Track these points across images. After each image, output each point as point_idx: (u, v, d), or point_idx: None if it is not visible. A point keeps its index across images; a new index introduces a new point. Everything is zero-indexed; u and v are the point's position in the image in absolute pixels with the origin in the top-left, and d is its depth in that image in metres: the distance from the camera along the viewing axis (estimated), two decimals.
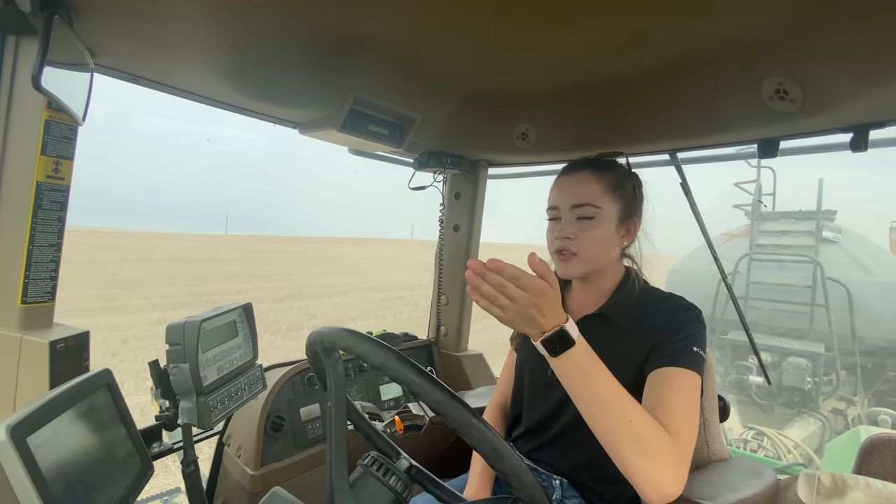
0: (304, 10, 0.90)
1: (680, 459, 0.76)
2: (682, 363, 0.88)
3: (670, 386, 0.86)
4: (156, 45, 0.98)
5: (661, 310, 0.98)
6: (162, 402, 0.98)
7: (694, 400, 0.85)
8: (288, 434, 1.40)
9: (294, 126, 1.43)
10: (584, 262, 1.02)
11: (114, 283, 15.38)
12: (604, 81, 1.19)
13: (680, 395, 0.84)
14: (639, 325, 0.98)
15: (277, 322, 10.65)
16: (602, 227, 1.00)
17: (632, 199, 1.05)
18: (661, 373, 0.88)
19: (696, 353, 0.90)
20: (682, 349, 0.90)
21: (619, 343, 0.98)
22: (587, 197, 1.00)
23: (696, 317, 0.96)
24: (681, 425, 0.79)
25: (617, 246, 1.04)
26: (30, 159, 0.89)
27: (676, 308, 0.98)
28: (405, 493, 0.69)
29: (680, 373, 0.87)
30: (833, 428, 4.84)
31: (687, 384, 0.86)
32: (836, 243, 5.59)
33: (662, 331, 0.94)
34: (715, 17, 0.88)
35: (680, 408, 0.82)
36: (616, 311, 1.02)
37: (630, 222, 1.05)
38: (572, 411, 0.99)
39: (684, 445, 0.78)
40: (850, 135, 1.10)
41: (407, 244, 58.12)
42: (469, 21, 0.94)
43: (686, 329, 0.93)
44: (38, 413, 0.60)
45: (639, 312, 0.99)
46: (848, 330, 5.07)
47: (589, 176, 1.03)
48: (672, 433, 0.77)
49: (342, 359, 0.74)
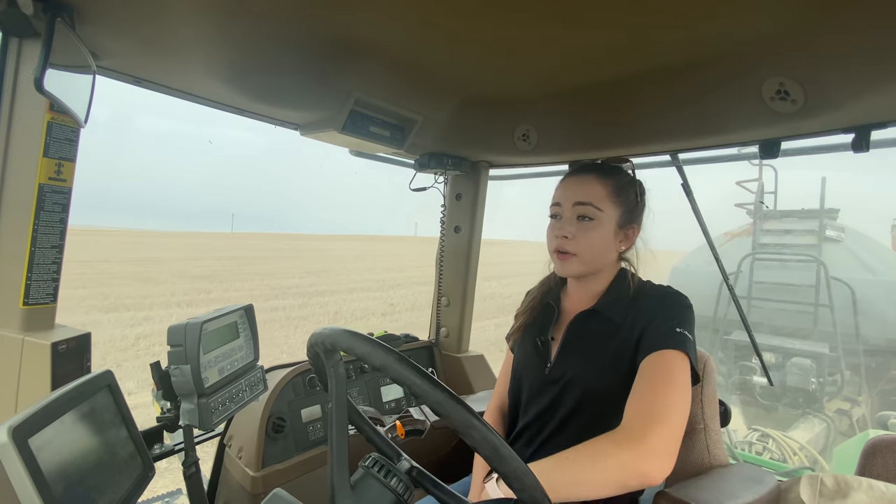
0: (305, 12, 0.91)
1: (662, 446, 0.80)
2: (665, 345, 0.91)
3: (655, 371, 0.89)
4: (157, 47, 0.99)
5: (650, 299, 1.03)
6: (163, 404, 0.98)
7: (680, 380, 0.88)
8: (289, 435, 1.40)
9: (295, 127, 1.43)
10: (581, 262, 1.05)
11: (193, 278, 16.52)
12: (604, 83, 1.19)
13: (665, 380, 0.87)
14: (630, 318, 1.01)
15: (366, 310, 12.25)
16: (600, 230, 1.03)
17: (633, 206, 1.07)
18: (648, 360, 0.92)
19: (681, 333, 0.93)
20: (666, 330, 0.94)
21: (613, 338, 1.01)
22: (590, 197, 1.03)
23: (679, 301, 1.00)
24: (664, 412, 0.83)
25: (614, 250, 1.07)
26: (32, 161, 0.89)
27: (663, 296, 1.03)
28: (406, 494, 0.69)
29: (664, 354, 0.90)
30: (838, 428, 4.81)
31: (672, 367, 0.89)
32: (840, 242, 5.56)
33: (650, 317, 0.98)
34: (715, 18, 0.88)
35: (664, 394, 0.85)
36: (611, 308, 1.05)
37: (629, 228, 1.07)
38: (569, 404, 1.03)
39: (671, 427, 0.82)
40: (851, 135, 1.10)
41: (413, 241, 58.64)
42: (470, 23, 0.94)
43: (669, 311, 0.98)
44: (39, 414, 0.60)
45: (632, 307, 1.03)
46: (852, 329, 5.03)
47: (594, 178, 1.05)
48: (658, 420, 0.82)
49: (343, 360, 0.74)
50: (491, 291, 15.48)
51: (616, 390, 0.98)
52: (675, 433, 0.83)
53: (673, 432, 0.82)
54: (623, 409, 0.98)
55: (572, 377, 1.03)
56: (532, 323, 1.19)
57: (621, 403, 0.98)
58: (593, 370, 1.01)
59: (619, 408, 0.98)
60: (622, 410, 0.98)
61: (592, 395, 1.01)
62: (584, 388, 1.02)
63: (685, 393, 0.87)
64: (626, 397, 0.97)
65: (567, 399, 1.04)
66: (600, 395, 1.00)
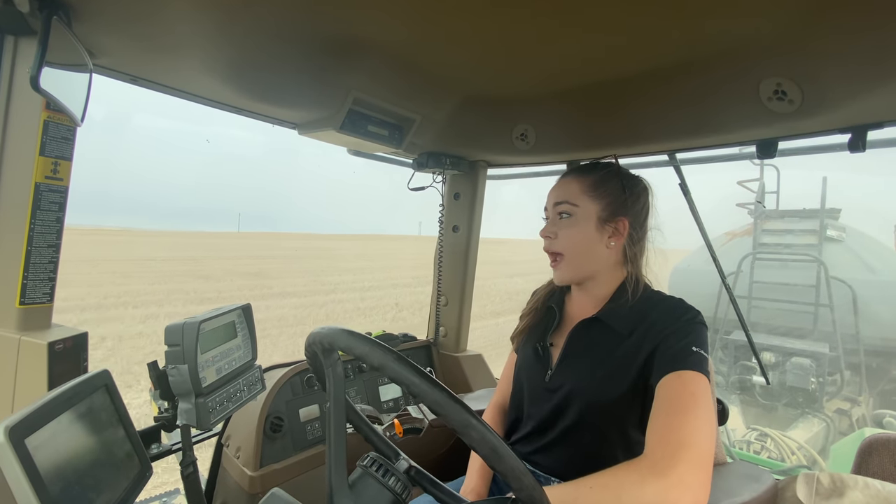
0: (303, 10, 0.90)
1: (691, 476, 0.73)
2: (683, 366, 0.86)
3: (676, 395, 0.83)
4: (154, 45, 0.99)
5: (659, 313, 0.97)
6: (161, 404, 0.98)
7: (703, 403, 0.82)
8: (287, 435, 1.40)
9: (293, 127, 1.43)
10: (569, 262, 1.05)
11: (244, 275, 17.59)
12: (602, 82, 1.19)
13: (688, 404, 0.81)
14: (637, 330, 0.97)
15: (418, 303, 13.33)
16: (579, 225, 1.04)
17: (616, 198, 1.04)
18: (666, 382, 0.86)
19: (697, 353, 0.88)
20: (682, 350, 0.89)
21: (616, 347, 0.98)
22: (565, 196, 1.06)
23: (694, 318, 0.95)
24: (691, 437, 0.76)
25: (601, 245, 1.04)
26: (28, 160, 0.89)
27: (675, 310, 0.97)
28: (404, 493, 0.69)
29: (683, 376, 0.85)
30: (837, 428, 4.80)
31: (692, 389, 0.83)
32: (841, 242, 5.55)
33: (662, 334, 0.93)
34: (714, 18, 0.88)
35: (688, 418, 0.79)
36: (613, 316, 1.01)
37: (616, 221, 1.04)
38: (571, 416, 1.00)
39: (699, 455, 0.75)
40: (848, 135, 1.10)
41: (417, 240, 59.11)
42: (468, 22, 0.94)
43: (684, 330, 0.92)
44: (36, 414, 0.60)
45: (638, 316, 0.99)
46: (852, 329, 5.04)
47: (571, 178, 1.08)
48: (685, 447, 0.75)
49: (341, 360, 0.74)
50: (517, 288, 16.31)
51: (621, 404, 0.95)
52: (704, 461, 0.75)
53: (702, 460, 0.74)
54: (629, 423, 0.96)
55: (572, 389, 1.00)
56: (536, 325, 1.17)
57: (628, 418, 0.96)
58: (596, 384, 0.98)
59: (625, 422, 0.97)
60: (628, 425, 0.97)
61: (595, 408, 0.97)
62: (586, 401, 0.98)
63: (710, 417, 0.81)
64: (633, 412, 0.95)
65: (569, 411, 1.01)
66: (603, 408, 0.97)
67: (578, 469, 1.01)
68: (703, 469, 0.74)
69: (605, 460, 0.93)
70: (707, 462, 0.75)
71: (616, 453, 0.97)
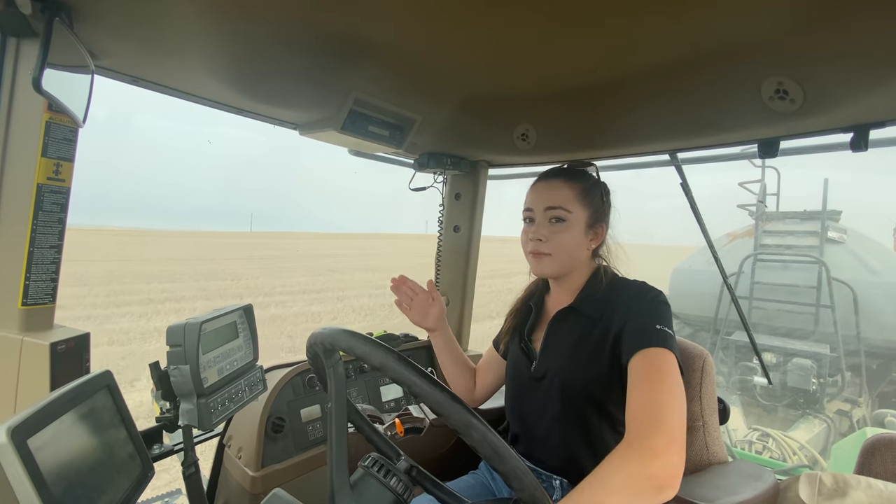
0: (304, 11, 0.90)
1: (661, 446, 0.78)
2: (648, 343, 0.92)
3: (646, 374, 0.89)
4: (156, 46, 0.99)
5: (625, 295, 1.06)
6: (162, 404, 0.98)
7: (669, 378, 0.87)
8: (288, 435, 1.39)
9: (294, 127, 1.43)
10: (554, 261, 1.10)
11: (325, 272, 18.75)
12: (603, 82, 1.19)
13: (655, 381, 0.87)
14: (606, 313, 1.05)
15: (478, 293, 13.72)
16: (571, 230, 1.10)
17: (599, 207, 1.14)
18: (635, 362, 0.91)
19: (662, 330, 0.94)
20: (647, 328, 0.95)
21: (591, 331, 1.05)
22: (559, 201, 1.10)
23: (656, 297, 1.02)
24: (662, 412, 0.82)
25: (585, 248, 1.13)
26: (30, 161, 0.89)
27: (638, 292, 1.06)
28: (406, 494, 0.69)
29: (648, 353, 0.91)
30: (838, 429, 4.80)
31: (658, 365, 0.89)
32: (842, 244, 5.54)
33: (627, 315, 0.99)
34: (714, 17, 0.88)
35: (656, 395, 0.85)
36: (586, 304, 1.10)
37: (598, 227, 1.14)
38: (557, 402, 1.06)
39: (670, 427, 0.81)
40: (850, 134, 1.10)
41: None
42: (469, 22, 0.94)
43: (647, 309, 0.99)
44: (38, 415, 0.60)
45: (607, 301, 1.07)
46: (853, 331, 5.03)
47: (562, 183, 1.12)
48: (657, 422, 0.81)
49: (343, 360, 0.74)
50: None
51: (600, 385, 1.01)
52: (676, 432, 0.81)
53: (674, 431, 0.80)
54: (613, 404, 1.02)
55: (555, 374, 1.07)
56: (518, 325, 1.25)
57: (610, 398, 1.02)
58: (572, 365, 1.05)
59: (609, 403, 1.02)
60: (612, 406, 1.03)
61: (573, 389, 1.04)
62: (568, 385, 1.04)
63: (678, 389, 0.87)
64: (613, 392, 1.00)
65: (554, 396, 1.06)
66: (581, 389, 1.03)
67: (574, 457, 1.04)
68: (677, 439, 0.80)
69: (597, 444, 1.02)
70: (679, 431, 0.81)
71: (605, 436, 1.03)
